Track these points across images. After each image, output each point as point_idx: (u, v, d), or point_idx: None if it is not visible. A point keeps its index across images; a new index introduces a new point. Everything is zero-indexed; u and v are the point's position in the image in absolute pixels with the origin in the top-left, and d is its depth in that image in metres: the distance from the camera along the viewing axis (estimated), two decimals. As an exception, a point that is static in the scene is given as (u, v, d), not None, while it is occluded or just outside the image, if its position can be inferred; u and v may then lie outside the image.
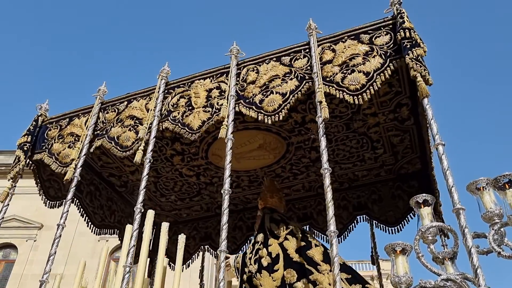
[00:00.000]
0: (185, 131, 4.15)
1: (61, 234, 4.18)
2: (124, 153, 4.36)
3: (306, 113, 4.53)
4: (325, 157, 3.30)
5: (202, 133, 4.27)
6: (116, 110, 4.74)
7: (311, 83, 3.83)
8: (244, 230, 6.19)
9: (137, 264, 3.45)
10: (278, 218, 4.37)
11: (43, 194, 5.24)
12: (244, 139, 4.95)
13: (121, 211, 5.98)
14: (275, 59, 4.17)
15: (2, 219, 4.52)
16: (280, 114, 3.84)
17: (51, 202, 5.32)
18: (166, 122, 4.31)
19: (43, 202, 5.31)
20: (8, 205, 4.67)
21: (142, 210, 3.80)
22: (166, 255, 4.84)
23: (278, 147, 5.04)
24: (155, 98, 4.46)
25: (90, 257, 13.03)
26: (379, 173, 5.42)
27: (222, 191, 3.51)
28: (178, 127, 4.21)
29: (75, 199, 5.28)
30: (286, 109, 3.83)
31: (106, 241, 13.40)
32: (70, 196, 4.34)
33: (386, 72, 3.63)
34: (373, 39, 3.85)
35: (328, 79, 3.77)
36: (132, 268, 3.47)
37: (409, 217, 5.39)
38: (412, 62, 3.39)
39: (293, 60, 4.09)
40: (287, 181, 5.60)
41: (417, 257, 2.60)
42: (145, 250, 3.41)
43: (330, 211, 3.02)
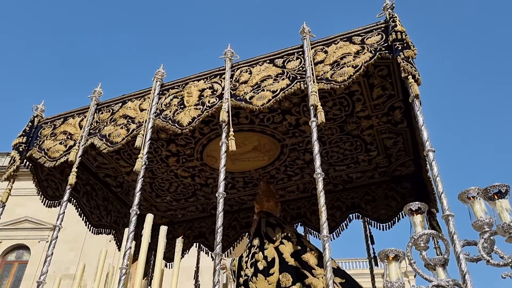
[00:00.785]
0: (175, 127, 4.15)
1: (57, 236, 4.19)
2: (111, 148, 4.36)
3: (300, 115, 4.57)
4: (318, 161, 3.34)
5: (195, 127, 4.25)
6: (110, 111, 4.76)
7: (303, 83, 3.87)
8: (237, 228, 6.25)
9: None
10: (274, 222, 4.42)
11: (41, 193, 5.26)
12: (239, 141, 4.91)
13: (117, 211, 6.01)
14: (269, 61, 4.21)
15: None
16: (267, 104, 3.89)
17: (50, 202, 5.34)
18: (157, 119, 4.31)
19: (41, 202, 5.33)
20: (4, 205, 4.69)
21: (138, 212, 3.84)
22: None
23: (273, 149, 5.08)
24: (151, 100, 4.48)
25: (102, 257, 13.07)
26: (373, 175, 5.47)
27: (217, 195, 3.55)
28: (168, 124, 4.21)
29: (72, 199, 5.32)
30: (274, 100, 3.86)
31: (118, 242, 13.45)
32: (66, 197, 4.36)
33: (373, 60, 3.69)
34: (364, 40, 3.89)
35: (319, 78, 3.81)
36: (128, 270, 3.50)
37: (400, 214, 5.45)
38: (403, 62, 3.45)
39: (286, 62, 4.13)
40: (282, 182, 5.64)
41: (409, 263, 2.64)
42: (143, 254, 3.42)
43: (323, 216, 3.06)
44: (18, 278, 16.34)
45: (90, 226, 5.70)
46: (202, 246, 6.46)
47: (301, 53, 4.12)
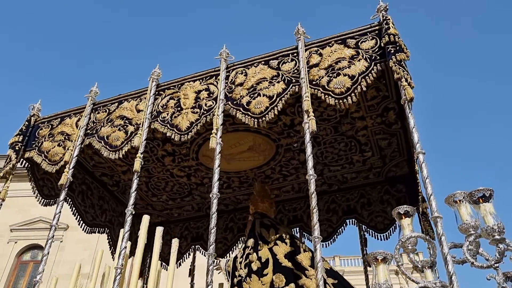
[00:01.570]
0: (174, 132, 4.20)
1: (53, 235, 4.23)
2: (113, 153, 4.40)
3: (295, 115, 4.59)
4: (310, 163, 3.37)
5: (192, 135, 4.32)
6: (107, 111, 4.78)
7: (298, 87, 3.90)
8: (235, 231, 6.25)
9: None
10: (268, 223, 4.46)
11: (38, 192, 5.28)
12: (234, 141, 5.01)
13: (112, 210, 6.03)
14: (264, 63, 4.24)
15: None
16: (267, 116, 3.91)
17: (45, 201, 5.36)
18: (156, 122, 4.36)
19: (37, 201, 5.35)
20: (2, 203, 4.73)
21: (133, 212, 3.88)
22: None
23: (268, 149, 5.11)
24: (147, 100, 4.51)
25: (115, 257, 13.14)
26: (368, 175, 5.50)
27: (210, 195, 3.58)
28: (167, 128, 4.26)
29: (68, 198, 5.33)
30: (273, 113, 3.89)
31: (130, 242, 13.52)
32: (62, 197, 4.40)
33: (371, 75, 3.71)
34: (359, 44, 3.92)
35: (314, 83, 3.84)
36: (122, 269, 3.53)
37: (397, 224, 5.46)
38: (395, 66, 3.48)
39: (281, 63, 4.16)
40: (277, 182, 5.67)
41: (397, 265, 2.68)
42: (139, 254, 3.45)
43: (315, 217, 3.09)
44: (34, 277, 16.39)
45: (84, 225, 5.71)
46: (199, 247, 6.49)
47: (295, 54, 4.15)
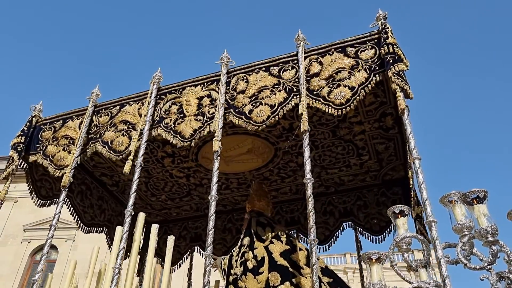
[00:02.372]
0: (177, 140, 4.28)
1: (53, 235, 4.27)
2: (118, 157, 4.48)
3: (294, 120, 4.65)
4: (308, 167, 3.43)
5: (196, 142, 4.38)
6: (109, 114, 4.84)
7: (299, 97, 3.94)
8: (233, 232, 6.31)
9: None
10: (265, 221, 4.51)
11: (35, 193, 5.32)
12: (233, 143, 5.08)
13: (111, 210, 6.08)
14: (264, 69, 4.29)
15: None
16: (267, 122, 3.99)
17: (42, 201, 5.40)
18: (159, 128, 4.42)
19: (33, 202, 5.38)
20: (1, 204, 4.76)
21: (133, 213, 3.93)
22: (157, 254, 5.00)
23: (267, 152, 5.18)
24: (147, 103, 4.56)
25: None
26: (365, 178, 5.58)
27: (209, 197, 3.64)
28: (170, 135, 4.33)
29: (66, 198, 5.36)
30: (274, 120, 3.97)
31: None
32: (62, 197, 4.45)
33: (370, 85, 3.78)
34: (358, 53, 3.98)
35: (315, 93, 3.90)
36: (120, 269, 3.58)
37: (392, 226, 5.53)
38: (394, 77, 3.53)
39: (281, 71, 4.21)
40: (275, 184, 5.75)
41: (391, 265, 2.75)
42: (134, 252, 3.51)
43: (311, 220, 3.15)
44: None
45: (82, 225, 5.76)
46: (198, 248, 6.55)
47: (296, 61, 4.20)
